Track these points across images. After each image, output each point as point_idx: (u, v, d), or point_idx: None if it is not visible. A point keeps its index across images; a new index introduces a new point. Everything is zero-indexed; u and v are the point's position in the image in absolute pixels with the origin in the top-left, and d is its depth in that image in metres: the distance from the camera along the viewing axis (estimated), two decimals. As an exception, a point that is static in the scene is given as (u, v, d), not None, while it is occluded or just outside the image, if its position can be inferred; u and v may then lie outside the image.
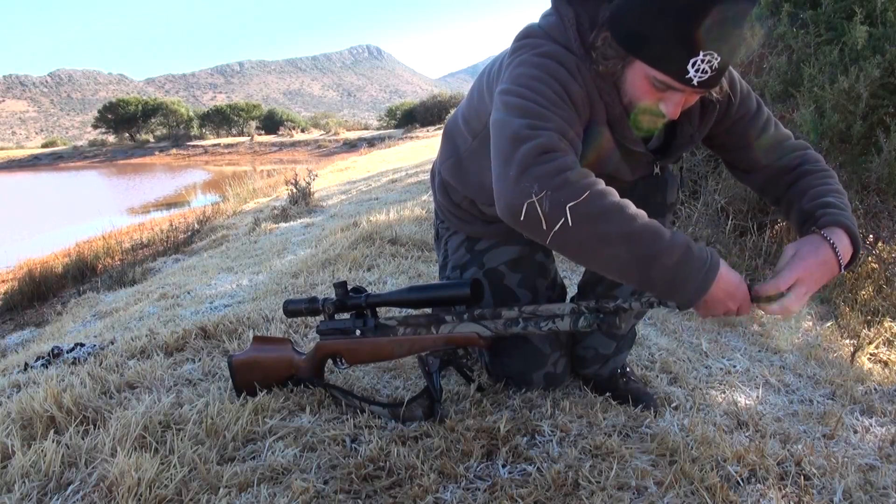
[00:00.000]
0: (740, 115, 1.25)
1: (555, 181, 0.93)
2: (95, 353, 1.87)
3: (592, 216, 0.93)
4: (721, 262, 1.00)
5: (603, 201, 0.93)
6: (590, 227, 0.93)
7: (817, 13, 2.55)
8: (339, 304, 1.39)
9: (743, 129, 1.26)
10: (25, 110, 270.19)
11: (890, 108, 2.43)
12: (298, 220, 5.51)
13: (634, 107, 1.09)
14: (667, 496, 1.09)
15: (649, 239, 0.94)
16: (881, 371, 2.04)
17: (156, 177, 23.28)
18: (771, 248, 2.86)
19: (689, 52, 0.97)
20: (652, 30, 0.99)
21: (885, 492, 1.19)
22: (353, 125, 49.85)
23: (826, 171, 1.23)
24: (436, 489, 1.10)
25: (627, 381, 1.52)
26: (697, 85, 1.01)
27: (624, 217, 0.94)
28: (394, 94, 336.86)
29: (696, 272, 0.96)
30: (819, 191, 1.17)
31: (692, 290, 0.97)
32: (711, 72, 1.00)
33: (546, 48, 1.09)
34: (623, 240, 0.93)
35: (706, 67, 0.98)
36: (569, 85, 1.05)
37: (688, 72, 0.99)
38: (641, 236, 0.94)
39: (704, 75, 1.00)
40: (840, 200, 1.15)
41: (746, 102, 1.25)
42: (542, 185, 0.93)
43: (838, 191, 1.18)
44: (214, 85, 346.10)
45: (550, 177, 0.93)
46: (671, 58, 0.99)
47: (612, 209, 0.93)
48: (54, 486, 1.15)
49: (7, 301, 5.54)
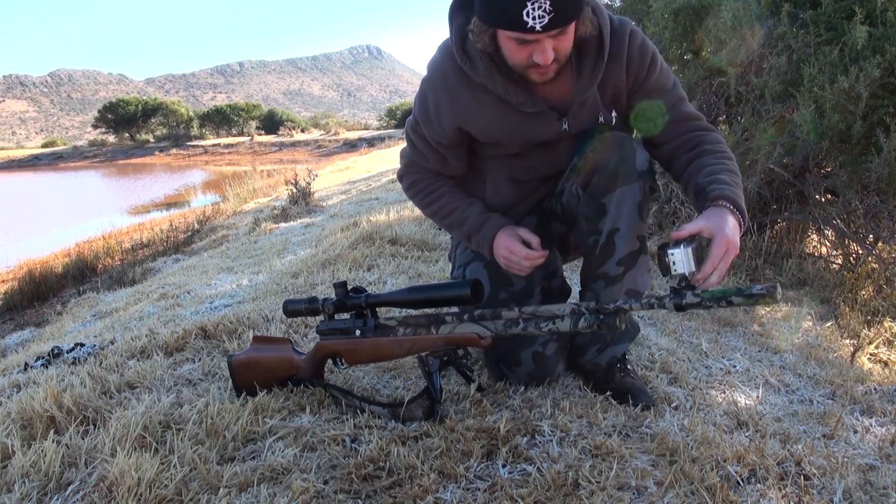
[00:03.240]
0: (655, 88, 1.38)
1: (407, 193, 1.58)
2: (95, 353, 1.87)
3: (416, 202, 1.55)
4: (498, 233, 1.40)
5: (414, 198, 1.54)
6: (418, 207, 1.56)
7: (817, 13, 2.55)
8: (339, 304, 1.39)
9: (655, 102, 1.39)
10: (25, 110, 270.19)
11: (890, 108, 2.43)
12: (298, 220, 5.51)
13: (519, 68, 1.25)
14: (667, 496, 1.09)
15: (439, 219, 1.52)
16: (881, 371, 2.04)
17: (156, 177, 23.27)
18: (771, 248, 2.86)
19: (516, 5, 1.11)
20: (488, 8, 1.17)
21: (885, 492, 1.18)
22: (353, 125, 49.87)
23: (724, 154, 1.34)
24: (436, 489, 1.10)
25: (625, 375, 1.52)
26: (542, 29, 1.13)
27: (421, 203, 1.53)
28: (394, 94, 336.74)
29: (479, 245, 1.44)
30: (714, 168, 1.28)
31: (486, 254, 1.44)
32: (549, 13, 1.11)
33: (422, 82, 1.41)
34: (430, 216, 1.54)
35: (540, 13, 1.11)
36: (427, 120, 1.40)
37: (526, 21, 1.12)
38: (435, 216, 1.52)
39: (544, 19, 1.12)
40: (732, 178, 1.26)
41: (661, 79, 1.38)
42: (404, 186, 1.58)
43: (732, 170, 1.29)
44: (214, 85, 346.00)
45: (405, 189, 1.58)
46: (507, 16, 1.14)
47: (417, 202, 1.54)
48: (54, 486, 1.15)
49: (7, 301, 5.53)
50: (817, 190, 2.72)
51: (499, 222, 1.42)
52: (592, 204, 1.36)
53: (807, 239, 3.13)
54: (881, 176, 2.38)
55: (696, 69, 2.98)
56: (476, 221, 1.44)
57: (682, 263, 1.10)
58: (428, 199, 1.51)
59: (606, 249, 1.36)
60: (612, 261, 1.36)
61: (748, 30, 2.67)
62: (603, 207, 1.34)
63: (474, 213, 1.45)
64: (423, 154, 1.48)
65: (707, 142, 1.37)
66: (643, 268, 1.40)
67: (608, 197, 1.34)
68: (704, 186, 1.25)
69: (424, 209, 1.54)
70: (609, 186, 1.33)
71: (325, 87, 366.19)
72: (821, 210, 2.76)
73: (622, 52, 1.33)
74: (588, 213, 1.37)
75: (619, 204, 1.33)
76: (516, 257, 1.36)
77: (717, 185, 1.23)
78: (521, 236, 1.38)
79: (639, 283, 1.41)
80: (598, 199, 1.35)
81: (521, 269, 1.38)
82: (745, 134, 2.73)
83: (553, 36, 1.17)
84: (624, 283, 1.39)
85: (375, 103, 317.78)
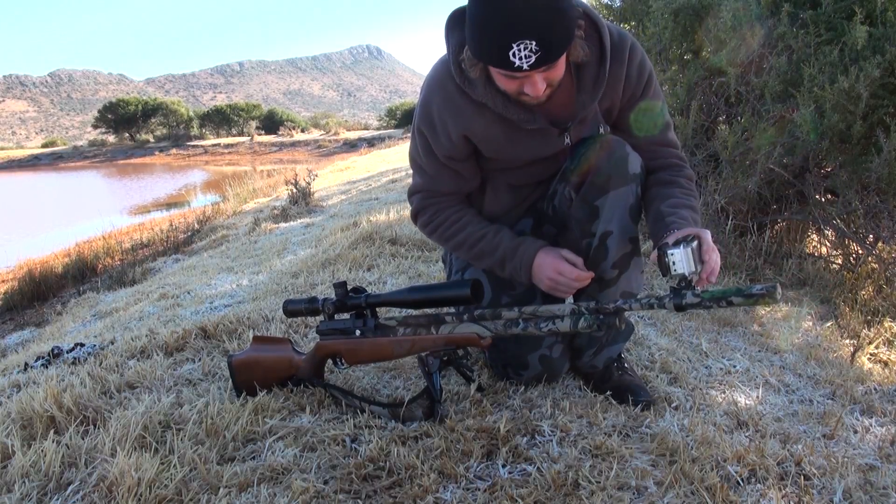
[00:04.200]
0: (647, 108, 1.40)
1: (425, 230, 1.50)
2: (95, 353, 1.87)
3: (436, 238, 1.49)
4: (538, 254, 1.34)
5: (433, 234, 1.48)
6: (438, 242, 1.52)
7: (817, 13, 2.55)
8: (339, 304, 1.39)
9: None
10: (25, 110, 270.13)
11: (890, 108, 2.43)
12: (298, 220, 5.51)
13: (511, 95, 1.26)
14: (667, 496, 1.09)
15: (466, 250, 1.44)
16: (881, 371, 2.04)
17: (156, 177, 23.27)
18: (771, 248, 2.86)
19: (501, 48, 1.11)
20: (476, 39, 1.16)
21: (885, 492, 1.19)
22: (353, 125, 49.89)
23: (693, 192, 1.38)
24: (436, 489, 1.10)
25: (623, 373, 1.53)
26: (530, 68, 1.13)
27: (443, 237, 1.46)
28: (394, 94, 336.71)
29: (516, 269, 1.37)
30: (680, 201, 1.32)
31: (524, 277, 1.37)
32: (536, 52, 1.10)
33: (422, 99, 1.38)
34: (454, 249, 1.48)
35: (526, 53, 1.10)
36: (435, 135, 1.36)
37: (513, 62, 1.12)
38: (461, 247, 1.45)
39: (531, 58, 1.11)
40: (692, 216, 1.29)
41: (654, 99, 1.40)
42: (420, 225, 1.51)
43: (695, 209, 1.33)
44: (214, 85, 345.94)
45: (422, 227, 1.50)
46: (494, 55, 1.14)
47: (438, 237, 1.48)
48: (54, 486, 1.15)
49: (7, 301, 5.53)
50: (817, 190, 2.72)
51: (535, 244, 1.37)
52: (585, 207, 1.35)
53: (807, 239, 3.13)
54: (881, 176, 2.38)
55: (696, 69, 2.98)
56: (510, 244, 1.38)
57: (681, 263, 1.10)
58: (451, 231, 1.44)
59: (599, 253, 1.35)
60: (605, 264, 1.36)
61: (748, 30, 2.67)
62: (595, 210, 1.34)
63: (506, 237, 1.40)
64: (436, 177, 1.43)
65: (682, 175, 1.40)
66: (636, 269, 1.41)
67: (600, 200, 1.33)
68: (665, 215, 1.28)
69: (447, 243, 1.47)
70: (601, 189, 1.33)
71: (325, 87, 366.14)
72: (821, 210, 2.76)
73: (621, 71, 1.33)
74: (580, 216, 1.36)
75: (611, 207, 1.33)
76: (565, 279, 1.31)
77: (677, 219, 1.26)
78: (566, 257, 1.33)
79: (633, 285, 1.41)
80: (591, 202, 1.34)
81: (568, 290, 1.34)
82: (745, 134, 2.73)
83: (542, 71, 1.16)
84: (619, 286, 1.39)
85: (375, 103, 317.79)
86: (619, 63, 1.32)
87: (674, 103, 2.99)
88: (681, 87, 3.00)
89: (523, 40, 1.09)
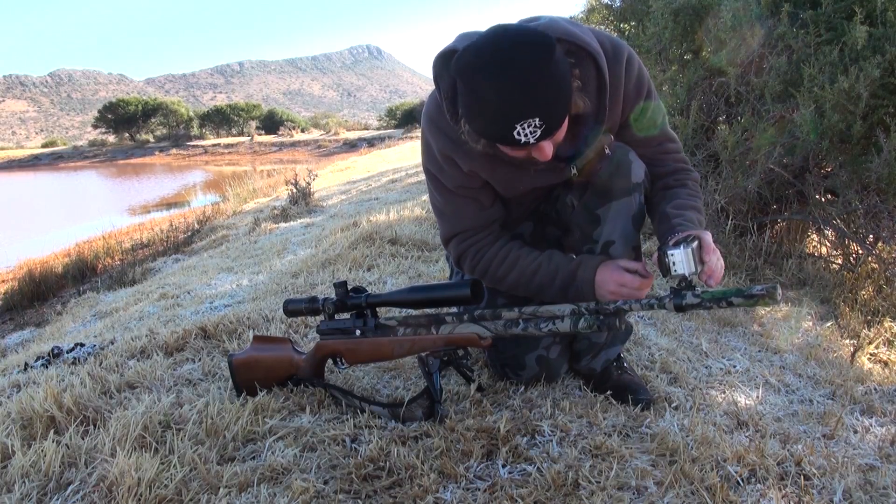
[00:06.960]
0: (648, 121, 1.38)
1: (474, 276, 1.42)
2: (95, 353, 1.87)
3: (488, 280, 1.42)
4: (597, 272, 1.29)
5: (484, 276, 1.41)
6: (490, 283, 1.43)
7: (817, 13, 2.55)
8: (339, 304, 1.39)
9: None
10: (25, 110, 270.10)
11: (890, 108, 2.43)
12: (298, 220, 5.51)
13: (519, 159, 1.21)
14: (667, 496, 1.09)
15: (524, 285, 1.38)
16: (881, 371, 2.04)
17: (156, 177, 23.27)
18: (771, 248, 2.86)
19: (505, 129, 1.07)
20: (476, 122, 1.12)
21: (885, 492, 1.18)
22: (353, 125, 49.89)
23: (698, 194, 1.38)
24: (436, 489, 1.10)
25: (623, 372, 1.53)
26: (536, 141, 1.09)
27: (495, 278, 1.40)
28: (394, 94, 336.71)
29: (579, 293, 1.31)
30: (686, 202, 1.32)
31: (588, 298, 1.30)
32: (540, 127, 1.07)
33: (423, 140, 1.34)
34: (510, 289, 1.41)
35: (531, 129, 1.07)
36: (441, 170, 1.33)
37: (519, 140, 1.08)
38: (517, 284, 1.39)
39: (535, 133, 1.07)
40: (698, 218, 1.30)
41: (650, 99, 1.36)
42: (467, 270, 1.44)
43: (699, 210, 1.34)
44: (214, 85, 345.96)
45: (470, 272, 1.43)
46: (498, 136, 1.11)
47: (490, 278, 1.41)
48: (54, 486, 1.15)
49: (7, 301, 5.53)
50: (817, 190, 2.72)
51: (593, 262, 1.32)
52: (587, 215, 1.35)
53: (807, 239, 3.13)
54: (881, 176, 2.38)
55: (696, 69, 2.98)
56: (567, 269, 1.33)
57: (682, 264, 1.10)
58: (501, 271, 1.38)
59: None
60: None
61: (748, 30, 2.67)
62: (597, 218, 1.34)
63: (560, 262, 1.35)
64: (457, 212, 1.39)
65: (689, 178, 1.40)
66: None
67: (603, 209, 1.33)
68: (670, 217, 1.28)
69: (500, 284, 1.41)
70: (604, 198, 1.33)
71: (325, 87, 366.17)
72: (821, 210, 2.76)
73: (619, 92, 1.29)
74: (582, 223, 1.37)
75: (614, 217, 1.33)
76: (628, 289, 1.28)
77: (683, 221, 1.26)
78: (625, 267, 1.30)
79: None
80: (593, 210, 1.34)
81: (636, 297, 1.30)
82: (745, 134, 2.73)
83: (545, 143, 1.13)
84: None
85: (375, 103, 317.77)
86: (616, 85, 1.27)
87: (674, 103, 2.99)
88: (681, 87, 3.00)
89: (526, 119, 1.06)
